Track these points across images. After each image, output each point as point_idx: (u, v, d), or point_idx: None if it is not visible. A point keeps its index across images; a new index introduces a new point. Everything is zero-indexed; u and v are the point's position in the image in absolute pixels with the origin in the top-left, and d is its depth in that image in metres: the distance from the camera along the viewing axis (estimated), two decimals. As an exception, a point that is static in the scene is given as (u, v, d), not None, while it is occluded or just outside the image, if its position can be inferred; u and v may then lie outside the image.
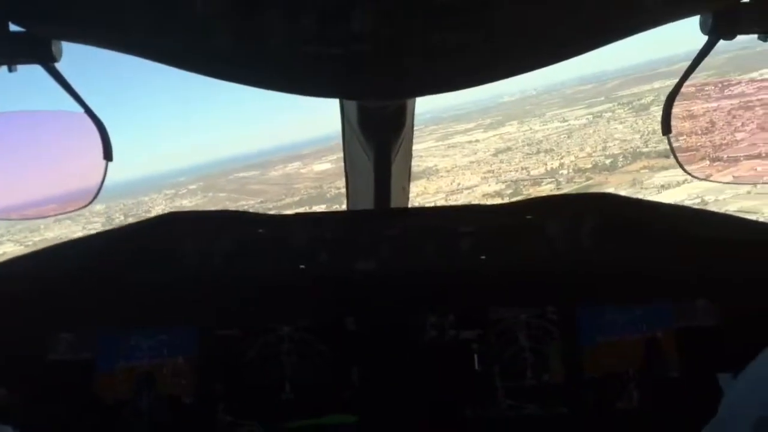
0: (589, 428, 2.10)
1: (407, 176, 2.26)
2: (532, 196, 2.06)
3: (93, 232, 1.92)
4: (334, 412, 2.09)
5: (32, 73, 1.47)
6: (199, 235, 1.98)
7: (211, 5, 1.26)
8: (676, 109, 1.74)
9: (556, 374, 2.14)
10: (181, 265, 1.99)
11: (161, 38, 1.37)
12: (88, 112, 1.52)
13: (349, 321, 2.14)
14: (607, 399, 2.12)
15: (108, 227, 2.05)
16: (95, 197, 1.51)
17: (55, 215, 1.47)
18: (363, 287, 2.10)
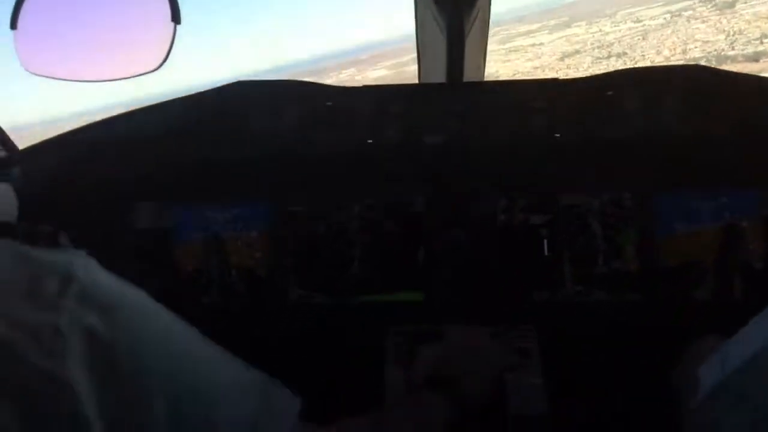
0: (662, 316, 2.06)
1: (482, 54, 2.16)
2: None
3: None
4: (401, 290, 2.12)
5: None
6: (266, 105, 1.96)
7: None
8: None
9: (629, 262, 2.09)
10: (250, 136, 2.00)
11: None
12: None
13: (418, 201, 2.13)
14: (683, 288, 2.06)
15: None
16: (164, 61, 1.49)
17: (122, 78, 1.47)
18: (431, 163, 2.06)
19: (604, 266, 2.09)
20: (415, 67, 2.24)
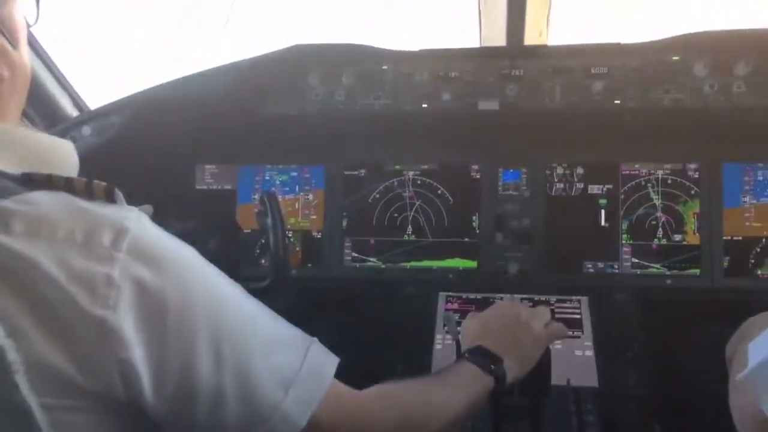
0: (724, 293, 2.00)
1: (545, 19, 2.09)
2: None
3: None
4: (455, 256, 2.13)
5: None
6: (324, 68, 1.98)
7: None
8: None
9: (691, 235, 2.03)
10: (308, 100, 2.02)
11: None
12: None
13: (473, 167, 2.12)
14: (747, 264, 1.99)
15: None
16: (228, 20, 1.52)
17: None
18: (486, 129, 2.04)
19: (663, 239, 2.04)
20: None
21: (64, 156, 0.95)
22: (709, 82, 1.86)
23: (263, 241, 2.16)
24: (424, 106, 1.97)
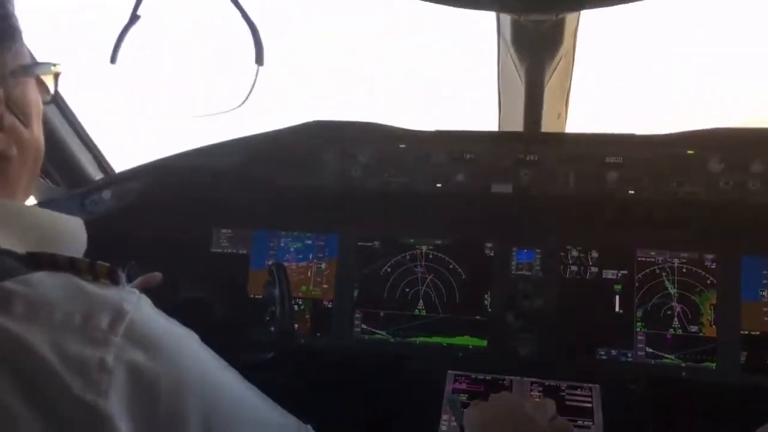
0: (741, 389, 1.94)
1: (564, 102, 2.13)
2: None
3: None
4: (465, 334, 2.11)
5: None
6: (341, 144, 2.02)
7: None
8: None
9: (708, 327, 1.98)
10: (325, 173, 2.06)
11: None
12: (245, 16, 1.57)
13: (487, 245, 2.12)
14: (766, 360, 1.93)
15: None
16: (246, 99, 1.57)
17: (207, 115, 1.56)
18: (499, 211, 2.05)
19: (679, 329, 2.00)
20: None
21: (71, 234, 0.97)
22: (724, 178, 1.85)
23: (273, 307, 2.16)
24: (439, 185, 1.99)
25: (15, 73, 0.95)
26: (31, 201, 2.13)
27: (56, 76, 1.05)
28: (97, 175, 2.23)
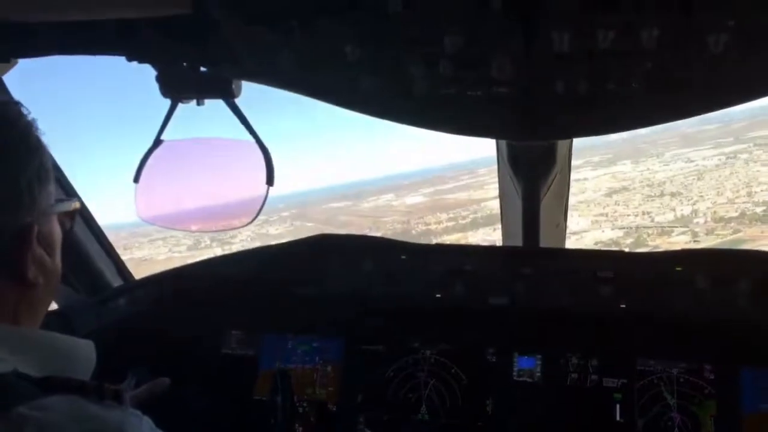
0: None
1: (563, 213, 2.23)
2: (661, 248, 1.91)
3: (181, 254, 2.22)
4: None
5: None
6: (346, 257, 2.12)
7: (359, 53, 1.39)
8: None
9: (708, 439, 1.98)
10: (331, 283, 2.15)
11: (317, 76, 1.54)
12: (258, 141, 1.72)
13: (489, 351, 2.15)
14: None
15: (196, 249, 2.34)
16: (256, 217, 1.70)
17: (219, 231, 1.69)
18: (497, 322, 2.11)
19: (679, 440, 1.99)
20: (457, 195, 2.35)
21: (83, 356, 1.08)
22: (710, 294, 1.91)
23: (279, 408, 2.20)
24: (438, 296, 2.07)
25: (46, 212, 1.08)
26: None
27: (75, 210, 1.19)
28: (116, 282, 2.34)
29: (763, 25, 1.26)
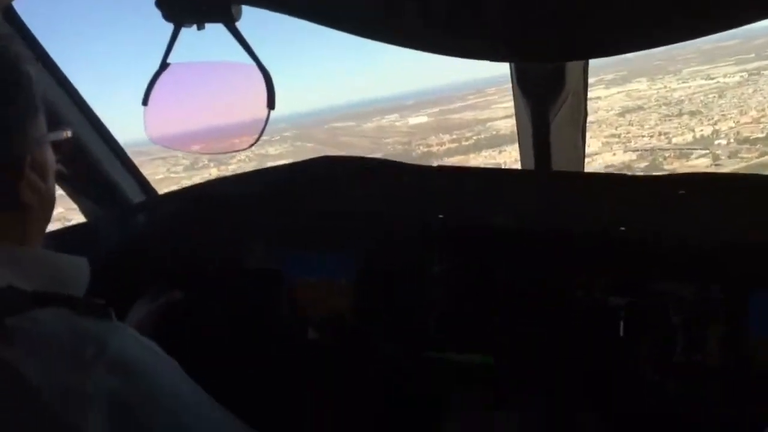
0: (740, 421, 1.95)
1: (580, 133, 2.19)
2: (677, 171, 1.86)
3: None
4: (473, 352, 2.19)
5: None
6: (351, 178, 2.16)
7: None
8: None
9: (712, 358, 2.00)
10: (339, 203, 2.20)
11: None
12: (259, 64, 1.74)
13: (498, 270, 2.19)
14: (769, 396, 1.94)
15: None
16: (257, 140, 1.74)
17: (223, 153, 1.75)
18: (501, 244, 2.14)
19: (683, 357, 2.02)
20: (462, 115, 2.32)
21: (74, 273, 1.17)
22: (720, 219, 1.88)
23: (300, 322, 2.33)
24: (440, 216, 2.11)
25: (38, 141, 1.16)
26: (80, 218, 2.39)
27: (67, 140, 1.25)
28: (137, 198, 2.44)
29: None
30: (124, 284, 2.08)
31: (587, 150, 2.21)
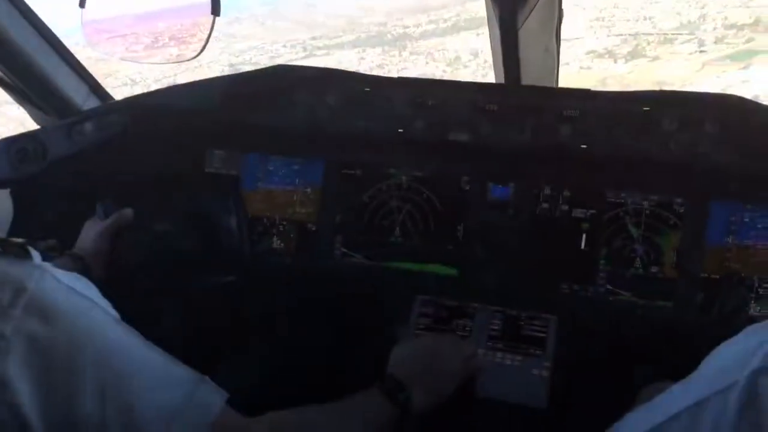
0: (691, 327, 2.01)
1: (553, 37, 2.08)
2: (662, 59, 1.80)
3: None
4: (437, 262, 2.21)
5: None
6: (308, 88, 2.07)
7: None
8: None
9: (668, 268, 2.03)
10: (296, 112, 2.12)
11: None
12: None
13: (463, 179, 2.17)
14: (720, 303, 1.99)
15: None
16: (203, 49, 1.64)
17: (165, 63, 1.64)
18: (460, 156, 2.09)
19: (640, 268, 2.06)
20: None
21: None
22: (682, 134, 1.85)
23: (261, 228, 2.32)
24: (400, 130, 2.04)
25: None
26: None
27: None
28: (86, 105, 2.30)
29: None
30: (71, 201, 2.03)
31: (569, 34, 2.13)
